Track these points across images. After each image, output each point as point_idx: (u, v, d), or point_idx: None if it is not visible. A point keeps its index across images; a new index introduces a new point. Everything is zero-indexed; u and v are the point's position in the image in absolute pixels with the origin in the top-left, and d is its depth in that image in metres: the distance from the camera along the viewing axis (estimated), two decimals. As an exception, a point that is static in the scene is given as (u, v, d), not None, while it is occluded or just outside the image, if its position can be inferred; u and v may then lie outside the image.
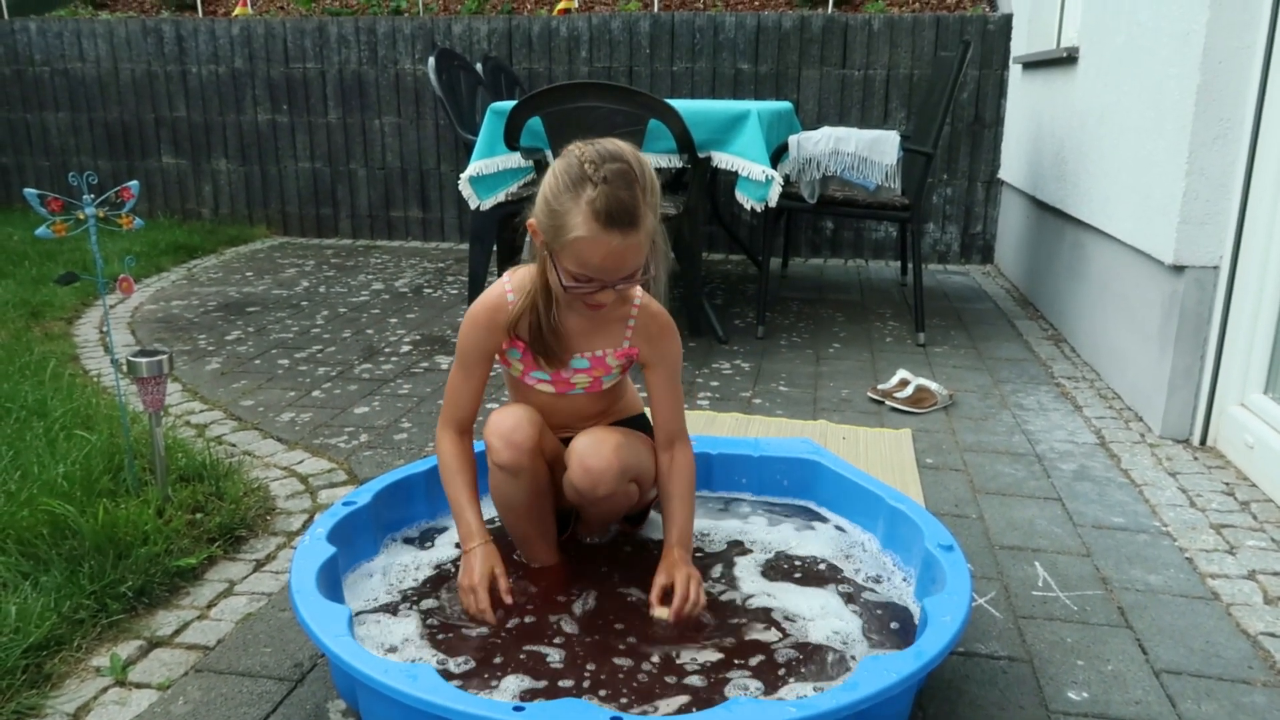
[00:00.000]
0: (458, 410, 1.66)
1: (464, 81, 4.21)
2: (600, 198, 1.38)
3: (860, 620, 1.57)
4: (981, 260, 5.11)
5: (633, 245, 1.42)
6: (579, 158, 1.43)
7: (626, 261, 1.44)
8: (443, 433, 1.66)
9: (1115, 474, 2.36)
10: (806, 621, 1.56)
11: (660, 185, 1.51)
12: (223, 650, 1.61)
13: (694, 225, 3.42)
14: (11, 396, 2.50)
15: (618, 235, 1.40)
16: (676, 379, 1.69)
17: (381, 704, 1.24)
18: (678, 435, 1.68)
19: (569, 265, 1.45)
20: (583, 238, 1.40)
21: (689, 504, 1.66)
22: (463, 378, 1.65)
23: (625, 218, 1.40)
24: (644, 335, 1.66)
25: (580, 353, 1.64)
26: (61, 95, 5.80)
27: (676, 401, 1.69)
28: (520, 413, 1.63)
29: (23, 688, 1.48)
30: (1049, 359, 3.33)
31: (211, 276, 4.66)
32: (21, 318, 3.61)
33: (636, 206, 1.41)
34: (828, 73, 4.97)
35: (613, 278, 1.47)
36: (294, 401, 2.86)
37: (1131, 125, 2.89)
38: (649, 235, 1.46)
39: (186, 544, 1.90)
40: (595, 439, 1.62)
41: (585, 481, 1.60)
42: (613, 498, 1.63)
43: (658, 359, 1.67)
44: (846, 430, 2.62)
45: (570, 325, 1.63)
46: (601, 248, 1.41)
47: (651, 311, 1.66)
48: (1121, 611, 1.75)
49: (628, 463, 1.62)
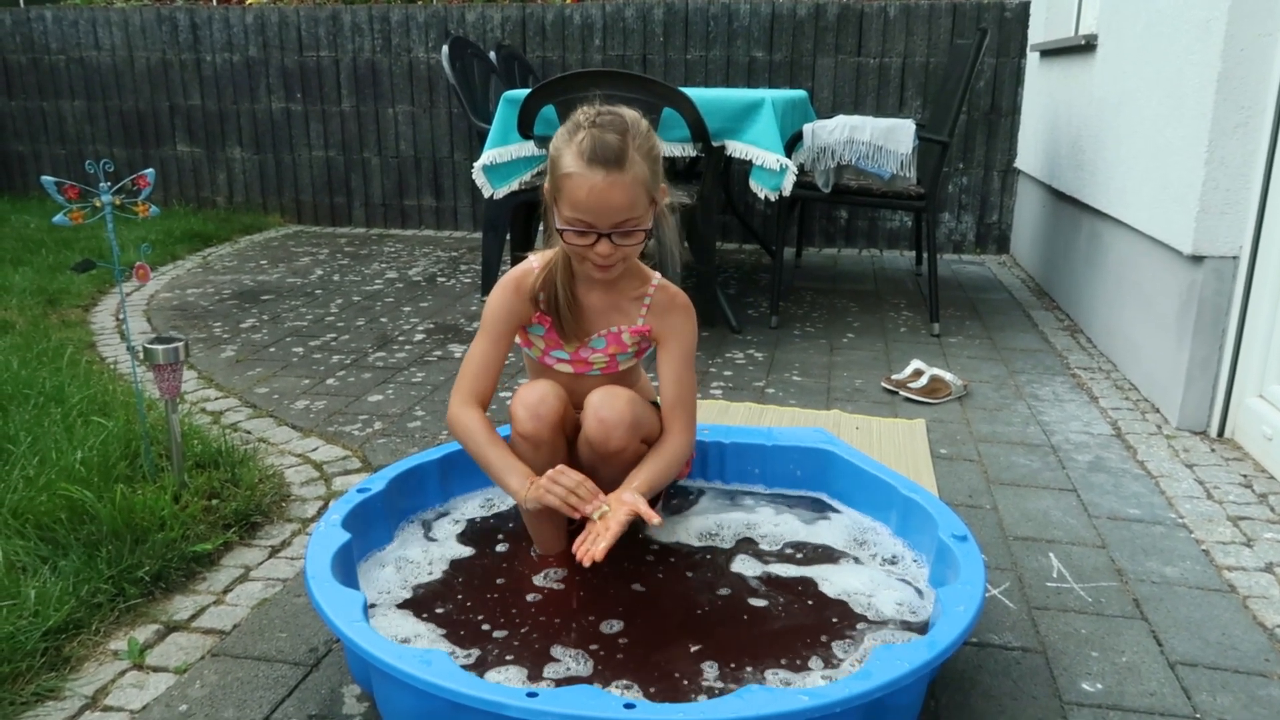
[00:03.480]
0: (476, 382, 1.66)
1: (477, 70, 4.20)
2: (588, 138, 1.49)
3: (874, 604, 1.57)
4: (997, 250, 5.08)
5: (618, 184, 1.49)
6: (581, 111, 1.55)
7: (612, 200, 1.49)
8: (462, 408, 1.65)
9: (1131, 465, 2.34)
10: (820, 605, 1.56)
11: (674, 174, 1.53)
12: (239, 635, 1.63)
13: (708, 214, 3.41)
14: (29, 383, 2.51)
15: (601, 171, 1.48)
16: (688, 361, 1.70)
17: (396, 689, 1.24)
18: (678, 422, 1.67)
19: (565, 210, 1.53)
20: (570, 174, 1.50)
21: (658, 470, 1.63)
22: (486, 345, 1.67)
23: (610, 155, 1.48)
24: (659, 312, 1.70)
25: (598, 331, 1.68)
26: (77, 83, 5.82)
27: (686, 385, 1.68)
28: (546, 386, 1.66)
29: (42, 670, 1.49)
30: (1065, 350, 3.31)
31: (226, 265, 4.68)
32: (39, 305, 3.63)
33: (624, 149, 1.49)
34: (843, 61, 4.94)
35: (603, 221, 1.51)
36: (308, 389, 2.87)
37: (1150, 114, 2.86)
38: (640, 183, 1.52)
39: (203, 530, 1.92)
40: (609, 393, 1.64)
41: (599, 432, 1.61)
42: (624, 453, 1.63)
43: (670, 334, 1.69)
44: (860, 420, 2.61)
45: (590, 302, 1.67)
46: (585, 183, 1.48)
47: (669, 292, 1.71)
48: (1137, 603, 1.74)
49: (640, 417, 1.64)
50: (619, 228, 1.53)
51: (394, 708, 1.28)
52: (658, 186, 1.58)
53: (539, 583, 1.66)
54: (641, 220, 1.55)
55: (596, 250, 1.54)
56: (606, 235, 1.52)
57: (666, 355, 1.69)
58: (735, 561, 1.72)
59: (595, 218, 1.51)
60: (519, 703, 1.12)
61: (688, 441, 1.69)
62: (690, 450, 1.72)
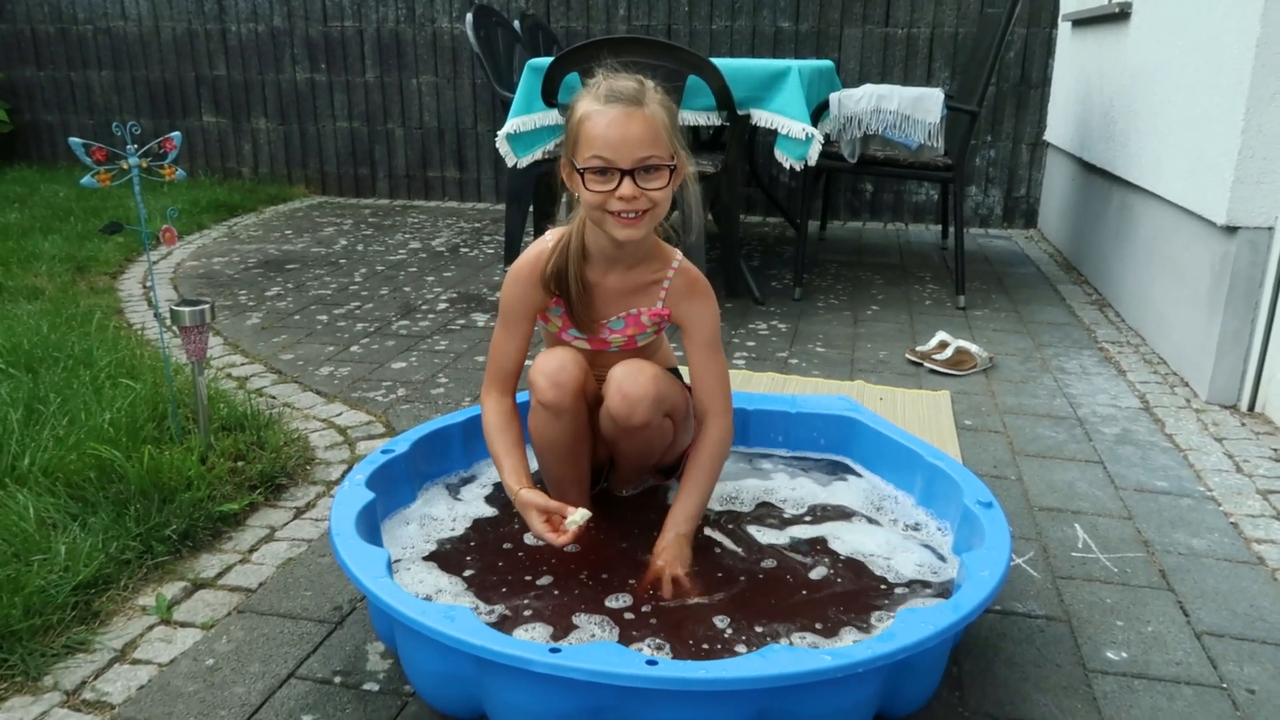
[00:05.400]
0: (500, 369, 1.66)
1: (501, 39, 4.18)
2: (603, 85, 1.50)
3: (894, 566, 1.56)
4: (1025, 224, 5.02)
5: (635, 116, 1.46)
6: (598, 73, 1.54)
7: (631, 130, 1.46)
8: (486, 397, 1.66)
9: (1159, 438, 2.32)
10: (841, 567, 1.56)
11: (698, 144, 1.52)
12: (264, 593, 1.64)
13: (732, 184, 3.39)
14: (59, 346, 2.54)
15: (618, 106, 1.47)
16: (715, 347, 1.65)
17: (420, 645, 1.25)
18: (713, 408, 1.64)
19: (583, 153, 1.49)
20: (587, 114, 1.48)
21: (705, 480, 1.61)
22: (504, 335, 1.66)
23: (626, 94, 1.47)
24: (678, 296, 1.64)
25: (616, 314, 1.65)
26: (104, 54, 5.85)
27: (715, 372, 1.64)
28: (566, 354, 1.63)
29: (72, 623, 1.51)
30: (1092, 323, 3.27)
31: (251, 234, 4.70)
32: (67, 272, 3.66)
33: (640, 91, 1.49)
34: (870, 31, 4.87)
35: (623, 156, 1.46)
36: (333, 356, 2.88)
37: (1186, 82, 2.81)
38: (659, 122, 1.49)
39: (228, 490, 1.93)
40: (633, 367, 1.61)
41: (622, 408, 1.59)
42: (647, 429, 1.61)
43: (692, 321, 1.64)
44: (884, 391, 2.60)
45: (607, 284, 1.63)
46: (604, 117, 1.46)
47: (689, 275, 1.65)
48: (1163, 574, 1.72)
49: (663, 392, 1.61)
50: (641, 163, 1.47)
51: (417, 663, 1.29)
52: (677, 138, 1.53)
53: (563, 546, 1.66)
54: (664, 159, 1.49)
55: (619, 194, 1.47)
56: (629, 174, 1.47)
57: (692, 344, 1.65)
58: (754, 525, 1.71)
59: (615, 152, 1.46)
60: (542, 658, 1.12)
61: (727, 429, 1.64)
62: (731, 434, 1.67)
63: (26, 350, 2.49)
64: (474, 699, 1.25)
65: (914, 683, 1.28)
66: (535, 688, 1.16)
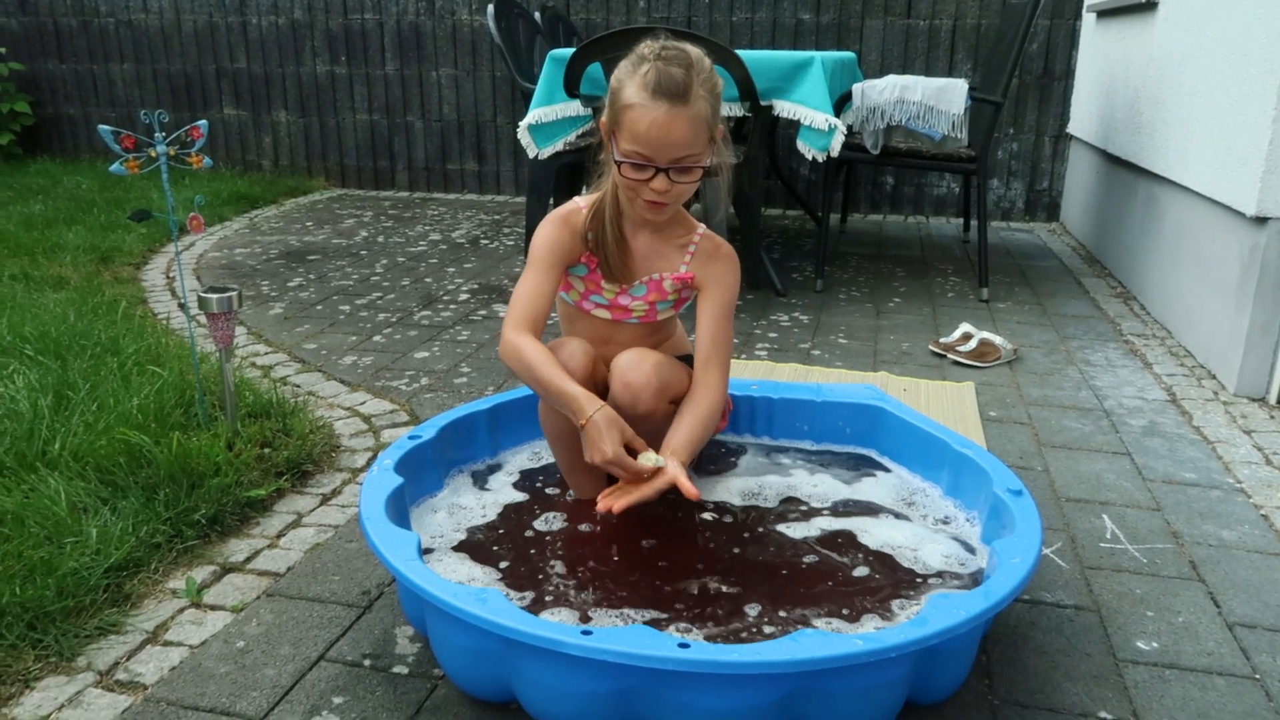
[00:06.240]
0: (529, 309, 1.60)
1: (522, 30, 4.18)
2: (652, 71, 1.48)
3: (921, 557, 1.56)
4: (1047, 218, 4.98)
5: (680, 118, 1.47)
6: (645, 45, 1.53)
7: (673, 134, 1.47)
8: (518, 334, 1.57)
9: (1187, 430, 2.30)
10: (868, 558, 1.56)
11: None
12: (292, 577, 1.65)
13: (753, 176, 3.38)
14: (86, 334, 2.56)
15: (665, 104, 1.46)
16: (727, 312, 1.67)
17: (451, 627, 1.26)
18: (712, 368, 1.63)
19: (624, 143, 1.51)
20: (632, 105, 1.48)
21: (699, 422, 1.59)
22: (535, 277, 1.62)
23: (674, 88, 1.46)
24: (703, 259, 1.68)
25: (641, 277, 1.67)
26: (126, 46, 5.88)
27: (721, 337, 1.65)
28: (575, 345, 1.65)
29: (104, 605, 1.53)
30: (1117, 316, 3.25)
31: (272, 226, 4.73)
32: (92, 262, 3.69)
33: (687, 84, 1.47)
34: (891, 23, 4.85)
35: (662, 156, 1.49)
36: (355, 346, 2.89)
37: (1214, 71, 2.78)
38: (701, 119, 1.50)
39: (256, 476, 1.95)
40: (636, 356, 1.62)
41: (626, 396, 1.60)
42: (652, 416, 1.61)
43: (713, 282, 1.66)
44: (908, 382, 2.59)
45: (635, 245, 1.66)
46: (647, 116, 1.47)
47: (715, 241, 1.70)
48: (1193, 565, 1.71)
49: (667, 380, 1.62)
50: (677, 163, 1.51)
51: (448, 646, 1.30)
52: (717, 124, 1.55)
53: (591, 534, 1.66)
54: (699, 158, 1.53)
55: (652, 186, 1.52)
56: (664, 171, 1.51)
57: (706, 303, 1.66)
58: (780, 518, 1.71)
59: (655, 152, 1.49)
60: (575, 640, 1.13)
61: (720, 396, 1.65)
62: (723, 403, 1.67)
63: (54, 338, 2.51)
64: (504, 682, 1.26)
65: (944, 670, 1.28)
66: (567, 670, 1.16)
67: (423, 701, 1.34)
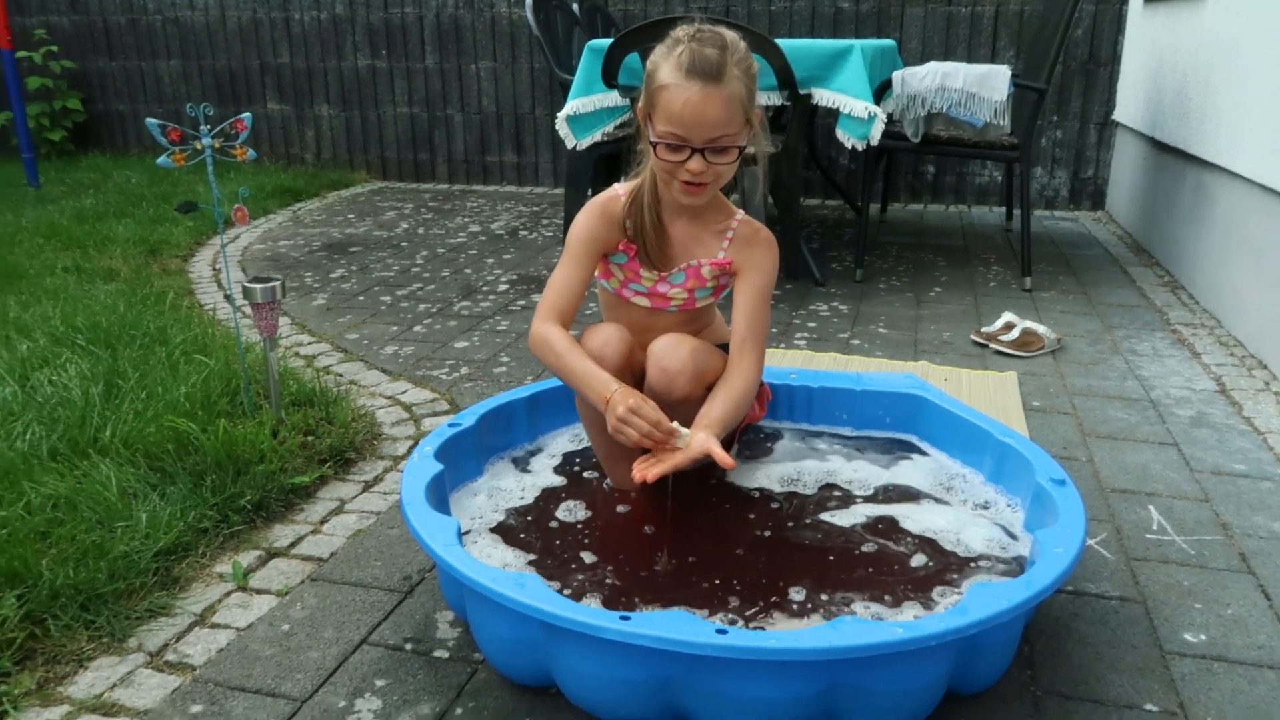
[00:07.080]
0: (560, 300, 1.62)
1: (561, 22, 4.18)
2: (687, 51, 1.48)
3: (963, 540, 1.54)
4: (1092, 206, 4.89)
5: (714, 97, 1.47)
6: (680, 28, 1.53)
7: (707, 113, 1.47)
8: (545, 324, 1.59)
9: (1236, 421, 2.25)
10: (910, 543, 1.55)
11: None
12: (336, 562, 1.68)
13: (793, 166, 3.36)
14: (135, 325, 2.61)
15: (698, 84, 1.46)
16: (764, 296, 1.66)
17: (490, 612, 1.27)
18: (747, 351, 1.61)
19: (659, 124, 1.51)
20: (666, 85, 1.48)
21: (732, 401, 1.57)
22: (569, 267, 1.64)
23: (707, 68, 1.46)
24: (741, 245, 1.67)
25: (680, 264, 1.66)
26: (173, 43, 5.98)
27: (756, 319, 1.63)
28: (611, 329, 1.65)
29: (154, 588, 1.56)
30: (1164, 305, 3.19)
31: (315, 218, 4.79)
32: (141, 255, 3.76)
33: (721, 64, 1.47)
34: (932, 10, 4.79)
35: (697, 136, 1.49)
36: (396, 336, 2.92)
37: (1267, 55, 2.71)
38: (736, 100, 1.49)
39: (299, 464, 1.98)
40: (673, 341, 1.62)
41: (661, 381, 1.60)
42: (688, 402, 1.60)
43: (751, 266, 1.66)
44: (949, 372, 2.56)
45: (674, 231, 1.66)
46: (681, 95, 1.47)
47: (753, 226, 1.69)
48: (1243, 557, 1.68)
49: (703, 366, 1.61)
50: (713, 143, 1.50)
51: (487, 631, 1.31)
52: (753, 107, 1.55)
53: (629, 518, 1.67)
54: (735, 138, 1.52)
55: (688, 167, 1.51)
56: (699, 151, 1.50)
57: (743, 286, 1.65)
58: (820, 505, 1.70)
59: (689, 131, 1.49)
60: (613, 625, 1.13)
61: (755, 378, 1.63)
62: (756, 387, 1.65)
63: (105, 328, 2.57)
64: (543, 666, 1.27)
65: (986, 660, 1.27)
66: (605, 655, 1.17)
67: (463, 685, 1.35)
